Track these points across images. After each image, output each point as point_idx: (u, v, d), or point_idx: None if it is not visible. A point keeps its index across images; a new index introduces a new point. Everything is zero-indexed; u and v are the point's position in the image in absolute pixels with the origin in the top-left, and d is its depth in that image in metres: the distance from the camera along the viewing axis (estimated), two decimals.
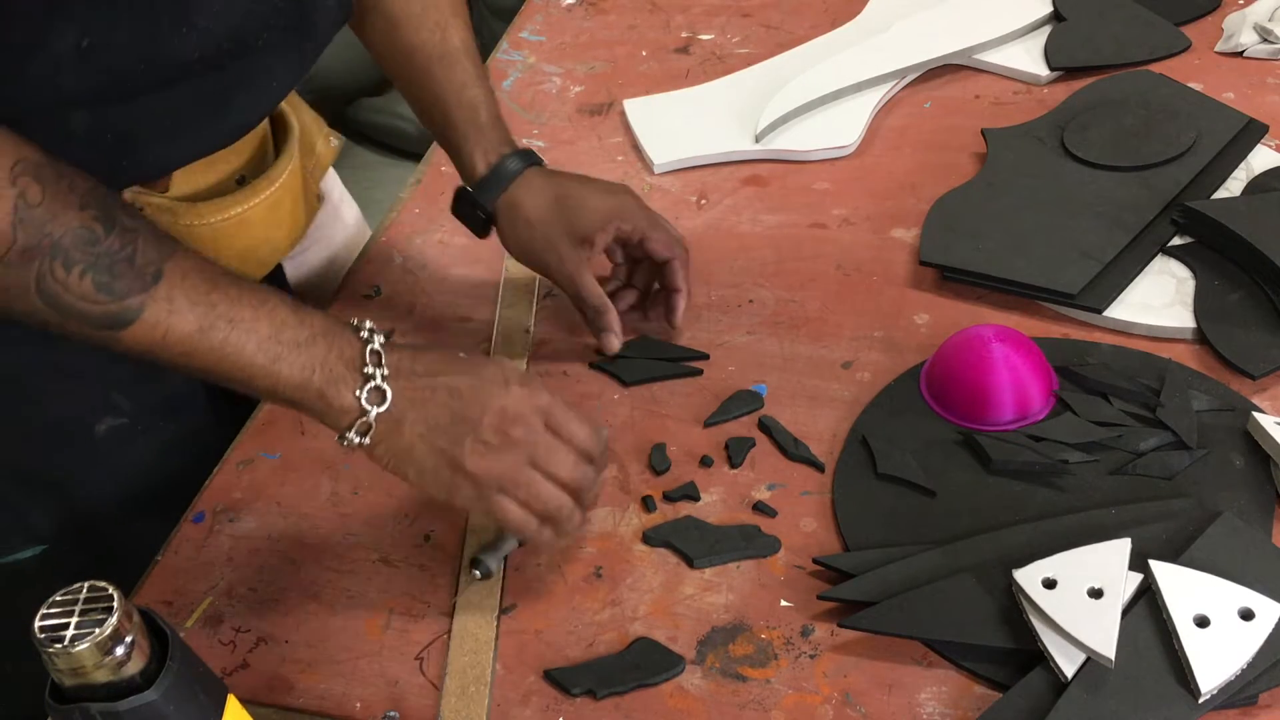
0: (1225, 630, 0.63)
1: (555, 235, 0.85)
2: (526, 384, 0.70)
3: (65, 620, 0.48)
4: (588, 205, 0.85)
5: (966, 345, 0.80)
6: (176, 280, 0.63)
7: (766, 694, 0.67)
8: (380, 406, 0.66)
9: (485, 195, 0.87)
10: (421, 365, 0.68)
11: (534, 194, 0.86)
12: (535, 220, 0.85)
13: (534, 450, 0.69)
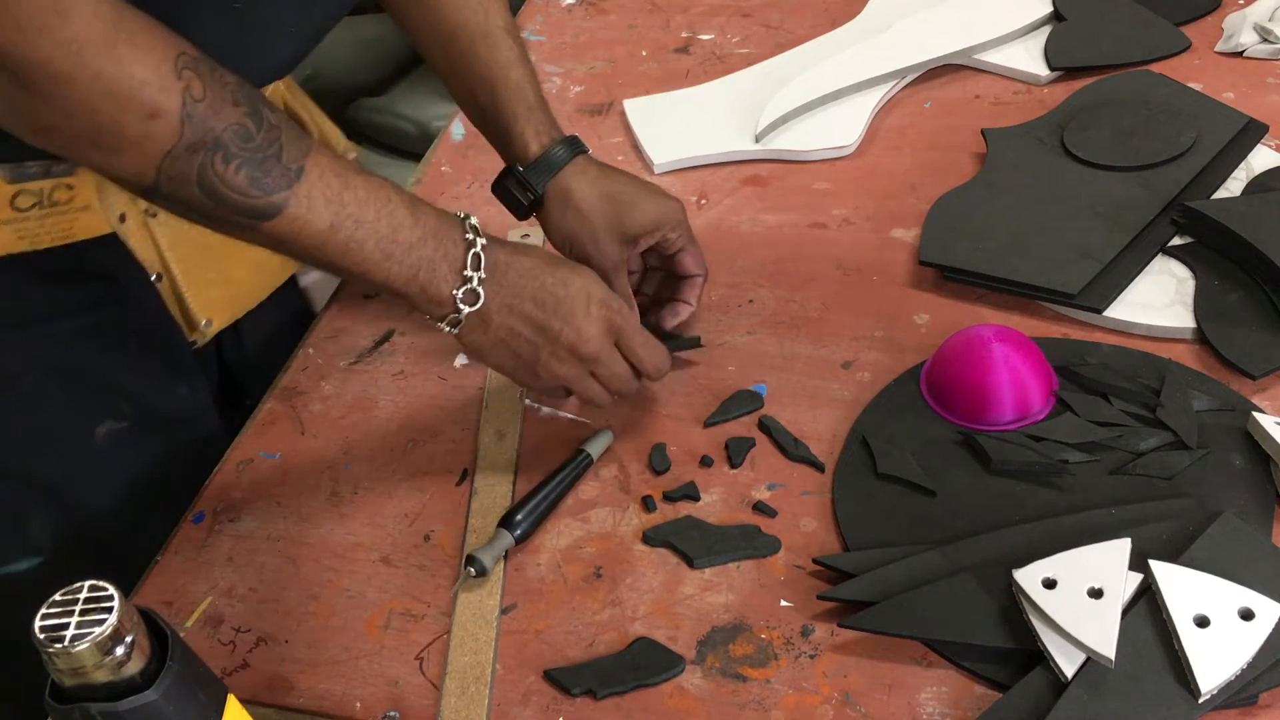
0: (1225, 630, 0.63)
1: (601, 229, 0.84)
2: (607, 304, 0.76)
3: (65, 620, 0.48)
4: (640, 207, 0.85)
5: (966, 345, 0.80)
6: (315, 178, 0.67)
7: (766, 694, 0.67)
8: (473, 306, 0.72)
9: (537, 178, 0.85)
10: (516, 271, 0.74)
11: (587, 184, 0.85)
12: (586, 210, 0.84)
13: (597, 367, 0.76)
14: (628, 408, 0.85)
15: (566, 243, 0.86)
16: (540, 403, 0.86)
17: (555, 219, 0.86)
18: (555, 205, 0.85)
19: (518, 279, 0.74)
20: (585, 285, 0.75)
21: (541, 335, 0.74)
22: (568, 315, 0.74)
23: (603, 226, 0.84)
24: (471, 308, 0.72)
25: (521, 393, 0.87)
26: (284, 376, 0.93)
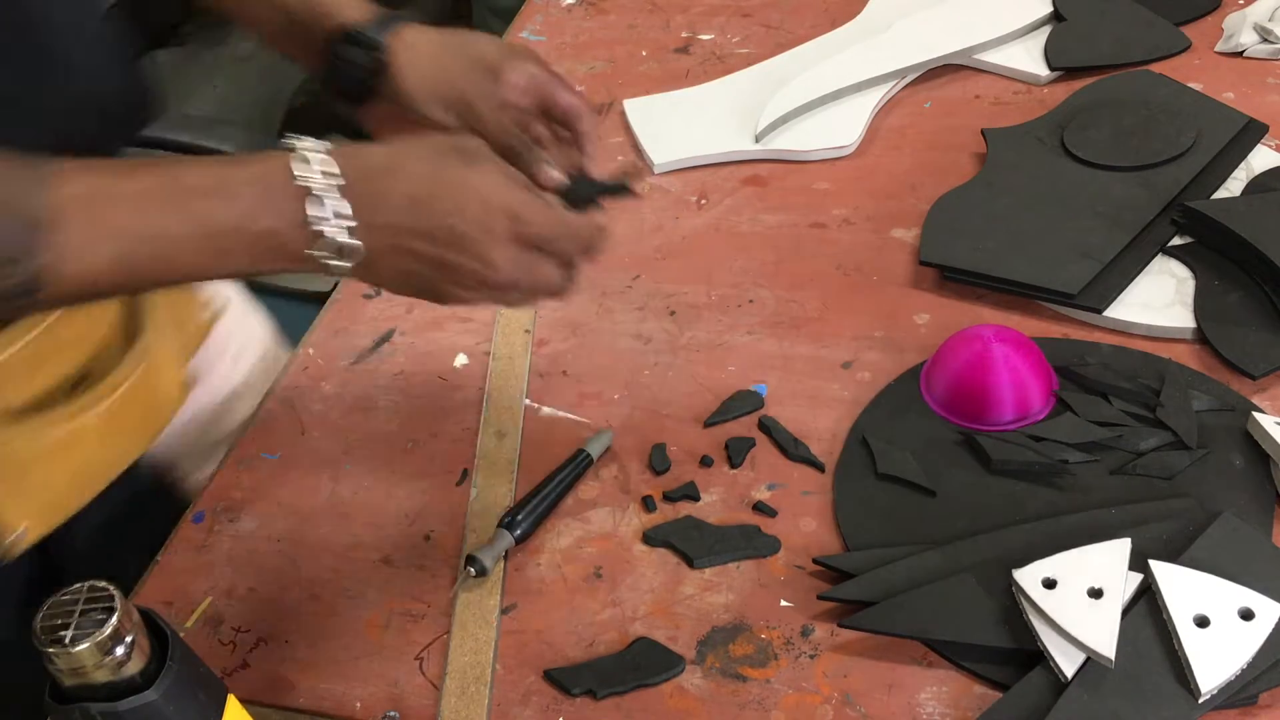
0: (1225, 630, 0.63)
1: (468, 66, 0.76)
2: (512, 213, 0.63)
3: (65, 620, 0.48)
4: (491, 42, 0.77)
5: (966, 345, 0.80)
6: (71, 217, 0.55)
7: (766, 694, 0.67)
8: (346, 260, 0.61)
9: (378, 31, 0.75)
10: (390, 204, 0.62)
11: (433, 34, 0.77)
12: (443, 52, 0.76)
13: (519, 283, 0.65)
14: (628, 408, 0.85)
15: (436, 88, 0.76)
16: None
17: (411, 69, 0.75)
18: (406, 56, 0.76)
19: (394, 213, 0.61)
20: (481, 196, 0.63)
21: (442, 271, 0.63)
22: (468, 245, 0.62)
23: (468, 64, 0.76)
24: (343, 261, 0.61)
25: (522, 392, 0.87)
26: (284, 377, 0.93)
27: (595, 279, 0.96)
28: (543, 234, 0.65)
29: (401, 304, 0.96)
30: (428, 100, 0.76)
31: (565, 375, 0.89)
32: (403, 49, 0.76)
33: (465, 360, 0.91)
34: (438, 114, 0.75)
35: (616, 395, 0.86)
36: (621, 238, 1.00)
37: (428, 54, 0.76)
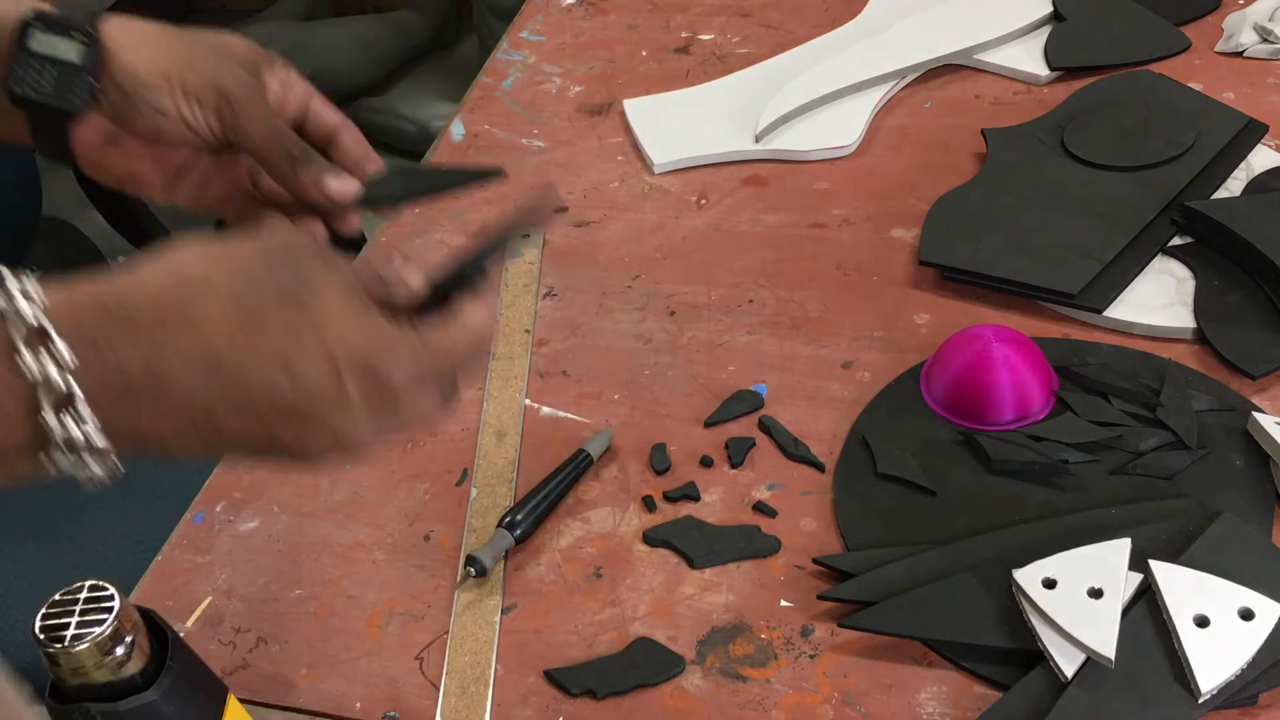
0: (1225, 630, 0.63)
1: (217, 56, 0.59)
2: (354, 360, 0.46)
3: (65, 620, 0.48)
4: (238, 38, 0.62)
5: (966, 345, 0.80)
6: None
7: (766, 694, 0.67)
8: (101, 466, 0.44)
9: (76, 16, 0.58)
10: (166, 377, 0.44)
11: (145, 22, 0.61)
12: (176, 40, 0.59)
13: (384, 434, 0.49)
14: (628, 408, 0.85)
15: (171, 87, 0.58)
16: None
17: (140, 61, 0.57)
18: (128, 41, 0.58)
19: (181, 390, 0.43)
20: (321, 353, 0.45)
21: (273, 446, 0.46)
22: (306, 419, 0.45)
23: (215, 51, 0.59)
24: (96, 468, 0.44)
25: (522, 392, 0.87)
26: None
27: (595, 279, 0.96)
28: (408, 378, 0.48)
29: None
30: (170, 94, 0.58)
31: (565, 375, 0.89)
32: (119, 33, 0.58)
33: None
34: (185, 113, 0.58)
35: (616, 395, 0.86)
36: (621, 238, 1.00)
37: (156, 39, 0.59)
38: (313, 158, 0.60)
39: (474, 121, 1.16)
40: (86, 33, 0.58)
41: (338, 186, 0.60)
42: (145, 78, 0.58)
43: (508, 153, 1.11)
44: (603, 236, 1.00)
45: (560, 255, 0.99)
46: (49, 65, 0.58)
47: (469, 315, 0.51)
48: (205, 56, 0.59)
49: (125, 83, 0.58)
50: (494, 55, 1.25)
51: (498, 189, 1.06)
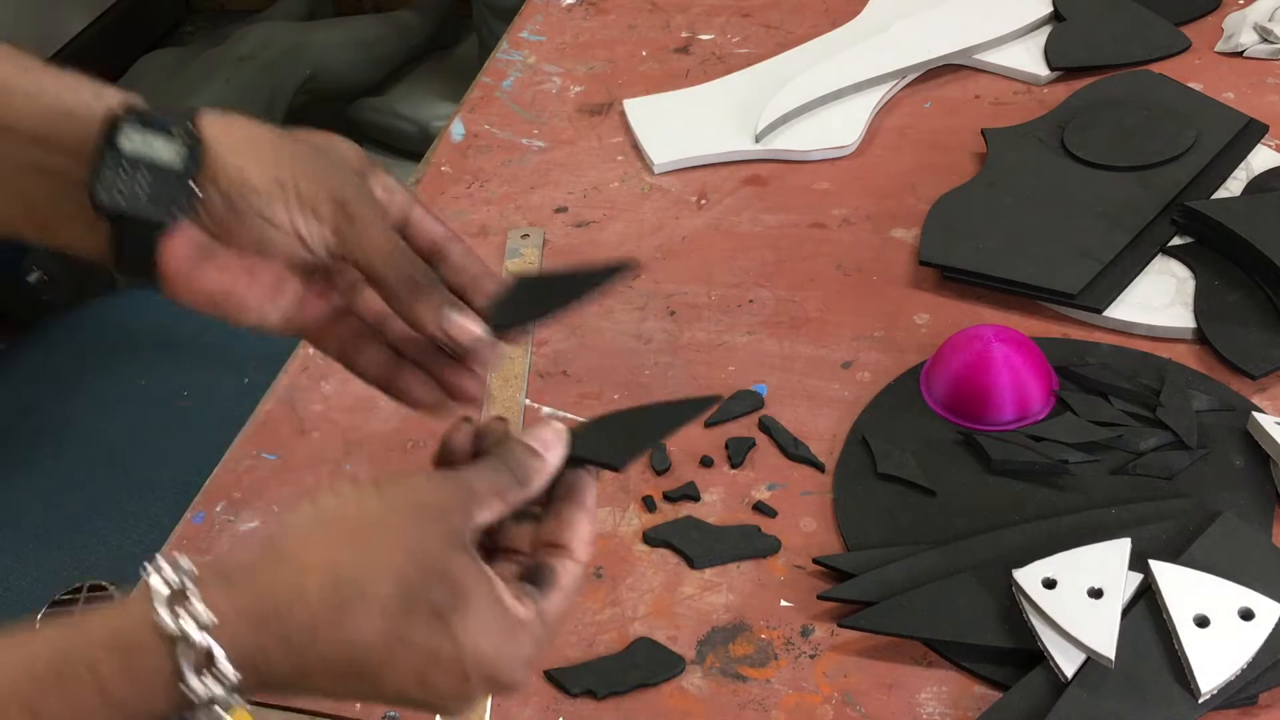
0: (1225, 630, 0.63)
1: (325, 159, 0.54)
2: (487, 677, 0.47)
3: None
4: (340, 139, 0.57)
5: (966, 345, 0.80)
6: None
7: (766, 694, 0.67)
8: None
9: (174, 119, 0.51)
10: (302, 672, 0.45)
11: (241, 119, 0.54)
12: (279, 138, 0.53)
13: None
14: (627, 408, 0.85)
15: (281, 191, 0.51)
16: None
17: (246, 161, 0.51)
18: (230, 141, 0.51)
19: (314, 681, 0.46)
20: (458, 674, 0.46)
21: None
22: (425, 707, 0.48)
23: (323, 153, 0.54)
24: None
25: (522, 392, 0.87)
26: (284, 376, 0.93)
27: None
28: (526, 667, 0.49)
29: None
30: (284, 203, 0.51)
31: (565, 375, 0.89)
32: (221, 132, 0.52)
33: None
34: (299, 225, 0.51)
35: (616, 395, 0.86)
36: (621, 237, 1.00)
37: (262, 141, 0.53)
38: (436, 287, 0.53)
39: (474, 121, 1.16)
40: (188, 131, 0.50)
41: (461, 328, 0.53)
42: (256, 184, 0.51)
43: (508, 152, 1.11)
44: (603, 236, 1.00)
45: (560, 255, 0.99)
46: (143, 169, 0.50)
47: (571, 576, 0.51)
48: (318, 162, 0.53)
49: (232, 189, 0.51)
50: (494, 55, 1.25)
51: (498, 189, 1.06)
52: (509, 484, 0.50)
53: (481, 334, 0.54)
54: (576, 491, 0.52)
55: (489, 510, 0.49)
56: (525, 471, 0.50)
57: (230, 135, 0.52)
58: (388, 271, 0.52)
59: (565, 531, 0.51)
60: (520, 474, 0.50)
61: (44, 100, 0.52)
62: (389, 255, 0.52)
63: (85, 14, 2.66)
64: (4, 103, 0.51)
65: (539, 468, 0.51)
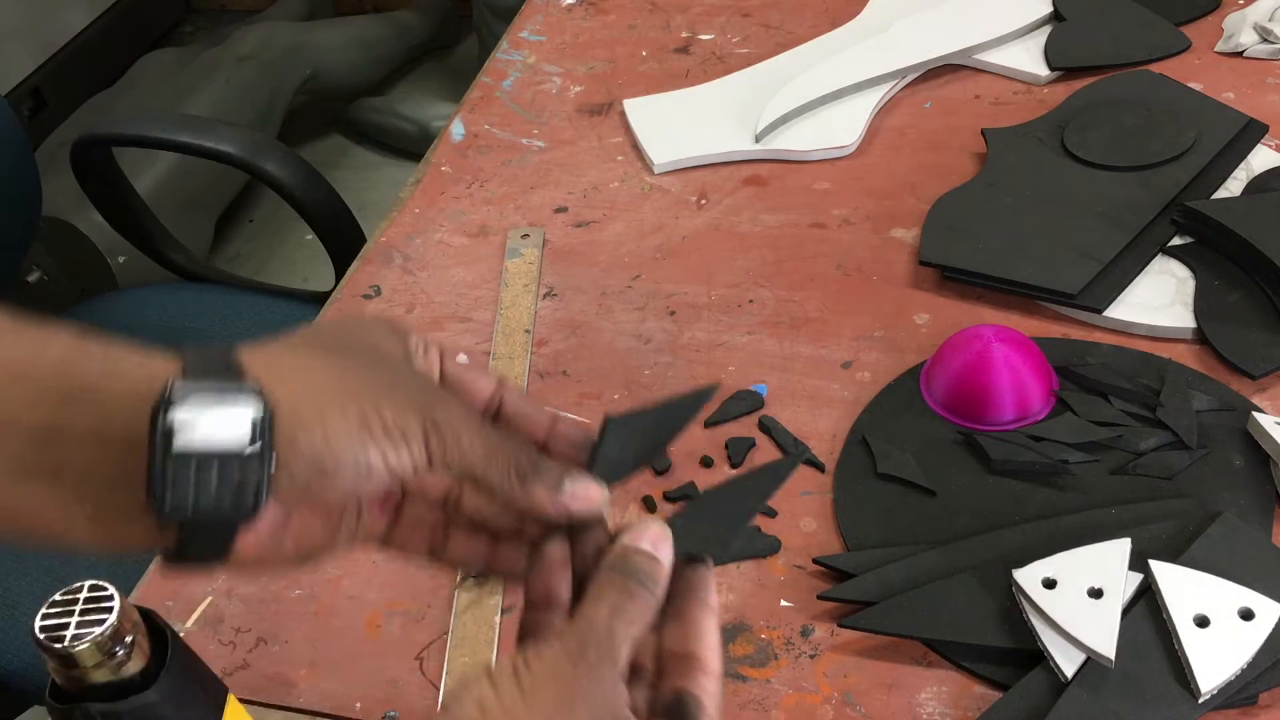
0: (1225, 630, 0.63)
1: (399, 377, 0.48)
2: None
3: (65, 620, 0.48)
4: (407, 336, 0.51)
5: (966, 345, 0.80)
6: None
7: (766, 694, 0.67)
8: None
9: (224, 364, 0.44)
10: None
11: (294, 346, 0.48)
12: (338, 359, 0.47)
13: None
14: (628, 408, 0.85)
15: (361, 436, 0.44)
16: None
17: (321, 409, 0.44)
18: (293, 388, 0.44)
19: None
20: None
21: None
22: None
23: (394, 370, 0.48)
24: None
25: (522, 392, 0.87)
26: None
27: (595, 279, 0.96)
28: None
29: (401, 304, 0.96)
30: (375, 445, 0.44)
31: (565, 375, 0.89)
32: (279, 383, 0.44)
33: (465, 360, 0.91)
34: (390, 460, 0.45)
35: (616, 395, 0.86)
36: (621, 237, 1.00)
37: (319, 375, 0.46)
38: (545, 468, 0.48)
39: (474, 121, 1.16)
40: (254, 399, 0.42)
41: (584, 499, 0.48)
42: (341, 433, 0.44)
43: (508, 152, 1.11)
44: (603, 236, 1.00)
45: (560, 255, 0.99)
46: (206, 462, 0.42)
47: (714, 700, 0.46)
48: (384, 376, 0.47)
49: (316, 454, 0.44)
50: (494, 55, 1.25)
51: (498, 189, 1.06)
52: (644, 605, 0.46)
53: (605, 498, 0.49)
54: (698, 590, 0.47)
55: (630, 645, 0.45)
56: (654, 581, 0.46)
57: (288, 383, 0.44)
58: (491, 473, 0.47)
59: (693, 640, 0.46)
60: (651, 585, 0.46)
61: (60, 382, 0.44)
62: (489, 456, 0.47)
63: (85, 14, 2.66)
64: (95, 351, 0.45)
65: (660, 574, 0.47)
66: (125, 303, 1.40)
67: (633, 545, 0.47)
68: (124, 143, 1.33)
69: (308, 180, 1.27)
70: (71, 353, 0.45)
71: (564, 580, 0.49)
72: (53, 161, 2.11)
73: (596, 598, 0.46)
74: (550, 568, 0.49)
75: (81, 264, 2.02)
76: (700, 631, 0.47)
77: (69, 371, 0.44)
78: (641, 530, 0.48)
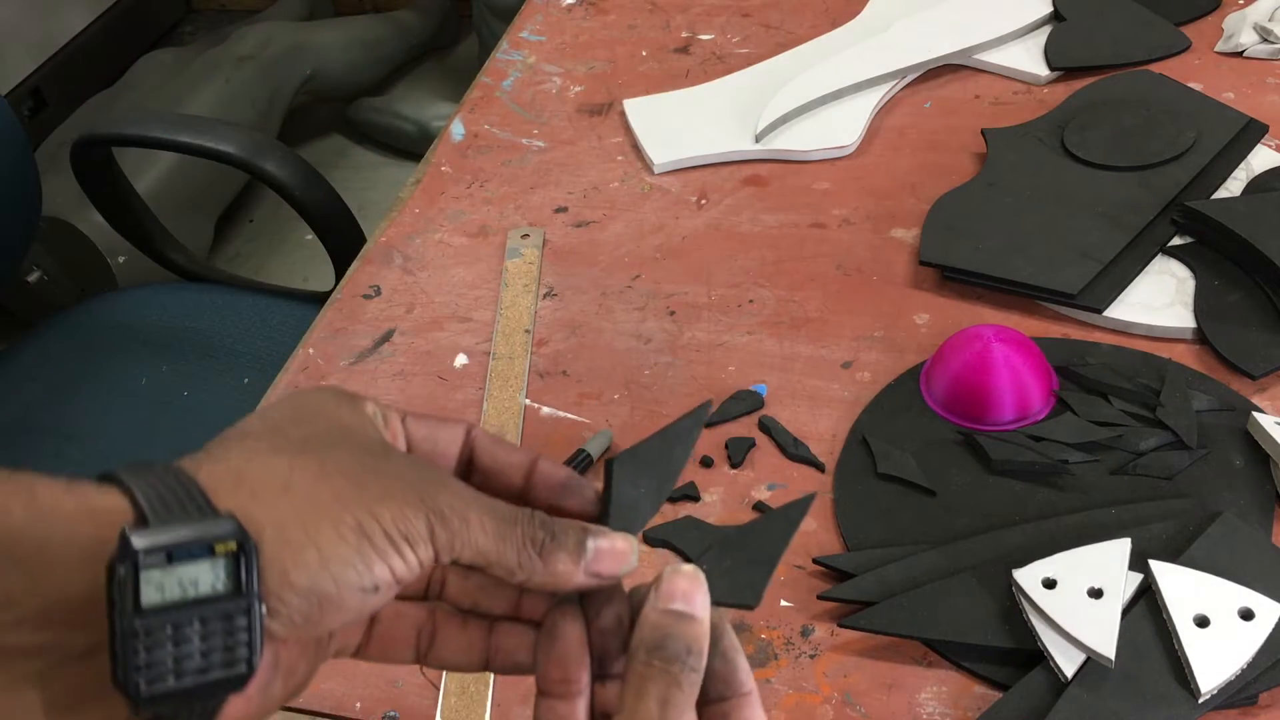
0: (1225, 630, 0.63)
1: (370, 454, 0.41)
2: None
3: None
4: (376, 408, 0.44)
5: (966, 345, 0.80)
6: None
7: (766, 694, 0.67)
8: None
9: (167, 483, 0.37)
10: None
11: (262, 457, 0.40)
12: (315, 461, 0.40)
13: None
14: (628, 408, 0.85)
15: (352, 562, 0.38)
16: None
17: (302, 544, 0.37)
18: (275, 512, 0.38)
19: None
20: None
21: None
22: None
23: (378, 456, 0.41)
24: None
25: (522, 392, 0.87)
26: (284, 377, 0.93)
27: (595, 279, 0.96)
28: None
29: (401, 304, 0.96)
30: (379, 556, 0.38)
31: (565, 375, 0.89)
32: (253, 501, 0.38)
33: (465, 360, 0.91)
34: (396, 567, 0.39)
35: (616, 395, 0.86)
36: (621, 238, 1.00)
37: (274, 471, 0.39)
38: (562, 529, 0.43)
39: (474, 121, 1.16)
40: (230, 531, 0.35)
41: (612, 556, 0.44)
42: (338, 561, 0.37)
43: (508, 152, 1.11)
44: (603, 236, 1.00)
45: (560, 255, 0.99)
46: (184, 620, 0.35)
47: None
48: (367, 465, 0.40)
49: (313, 584, 0.37)
50: (494, 55, 1.25)
51: (498, 189, 1.06)
52: (693, 686, 0.41)
53: (634, 550, 0.45)
54: (713, 628, 0.44)
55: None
56: (698, 653, 0.42)
57: (259, 492, 0.38)
58: (507, 555, 0.41)
59: (736, 713, 0.43)
60: (695, 660, 0.41)
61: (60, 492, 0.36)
62: (500, 535, 0.41)
63: (85, 14, 2.66)
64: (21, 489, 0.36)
65: (702, 636, 0.42)
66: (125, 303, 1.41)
67: (665, 612, 0.42)
68: (124, 143, 1.33)
69: (308, 180, 1.27)
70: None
71: (583, 664, 0.43)
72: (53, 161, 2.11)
73: (641, 693, 0.40)
74: (566, 652, 0.43)
75: (81, 264, 2.02)
76: (744, 707, 0.43)
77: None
78: (671, 584, 0.43)
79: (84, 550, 0.35)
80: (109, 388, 1.29)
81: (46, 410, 1.28)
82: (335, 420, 0.42)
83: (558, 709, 0.42)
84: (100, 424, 1.25)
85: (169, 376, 1.29)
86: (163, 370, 1.30)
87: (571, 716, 0.42)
